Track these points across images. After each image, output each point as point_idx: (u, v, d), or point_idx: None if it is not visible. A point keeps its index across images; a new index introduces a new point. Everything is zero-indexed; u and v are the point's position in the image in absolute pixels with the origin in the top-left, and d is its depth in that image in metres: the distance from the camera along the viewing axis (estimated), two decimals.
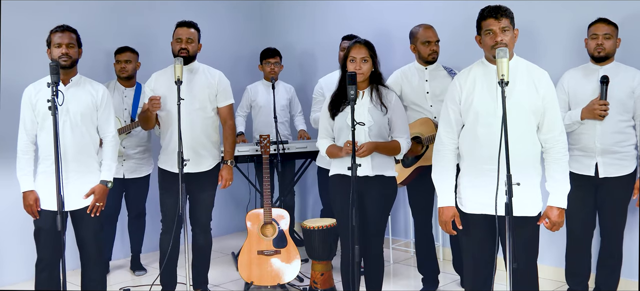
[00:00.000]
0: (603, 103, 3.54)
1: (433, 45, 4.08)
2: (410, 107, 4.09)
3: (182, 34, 3.94)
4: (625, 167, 3.63)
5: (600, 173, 3.64)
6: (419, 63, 4.15)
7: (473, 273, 3.02)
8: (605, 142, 3.61)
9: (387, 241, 5.25)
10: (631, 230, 3.91)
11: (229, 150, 4.09)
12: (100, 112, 3.59)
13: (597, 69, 3.69)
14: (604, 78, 3.56)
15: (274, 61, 5.23)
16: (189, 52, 3.92)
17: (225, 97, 4.08)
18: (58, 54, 3.43)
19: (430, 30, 4.11)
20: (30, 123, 3.48)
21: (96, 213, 3.53)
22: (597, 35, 3.65)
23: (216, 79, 4.05)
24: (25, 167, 3.49)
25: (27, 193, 3.47)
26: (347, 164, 3.20)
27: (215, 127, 4.09)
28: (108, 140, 3.62)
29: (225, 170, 4.06)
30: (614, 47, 3.67)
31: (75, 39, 3.52)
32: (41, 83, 3.50)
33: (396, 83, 4.11)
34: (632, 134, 3.63)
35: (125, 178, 4.82)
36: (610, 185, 3.65)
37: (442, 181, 2.99)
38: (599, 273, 3.84)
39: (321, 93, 4.76)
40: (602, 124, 3.59)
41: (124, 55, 4.82)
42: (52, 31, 3.49)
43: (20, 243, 4.43)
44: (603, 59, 3.66)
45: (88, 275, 3.62)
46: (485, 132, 2.84)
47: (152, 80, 4.04)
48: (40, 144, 3.50)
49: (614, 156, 3.62)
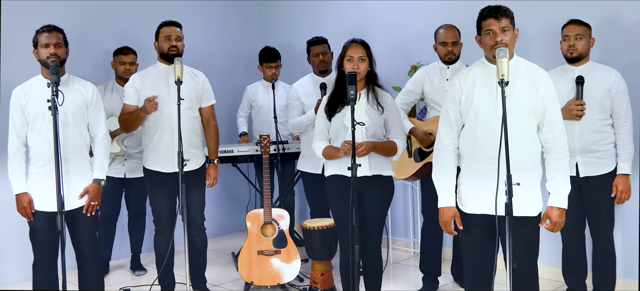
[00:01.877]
0: (579, 103, 3.57)
1: (449, 46, 4.09)
2: (430, 105, 4.14)
3: (171, 33, 3.93)
4: (605, 165, 3.64)
5: (581, 173, 3.65)
6: (442, 62, 4.17)
7: (473, 273, 3.02)
8: (584, 142, 3.62)
9: (387, 241, 5.24)
10: (630, 229, 3.91)
11: (214, 149, 4.12)
12: (91, 110, 3.57)
13: (572, 69, 3.72)
14: (579, 79, 3.60)
15: (276, 65, 5.21)
16: (178, 50, 3.92)
17: (208, 97, 4.10)
18: (46, 54, 3.40)
19: (449, 32, 4.11)
20: (20, 125, 3.45)
21: (91, 213, 3.52)
22: (569, 36, 3.69)
23: (201, 80, 4.06)
24: (16, 169, 3.46)
25: (20, 195, 3.45)
26: (346, 164, 3.20)
27: (200, 126, 4.11)
28: (99, 139, 3.60)
29: (212, 168, 4.09)
30: (587, 47, 3.69)
31: (63, 38, 3.48)
32: (29, 85, 3.48)
33: (418, 81, 4.15)
34: (611, 133, 3.64)
35: (126, 177, 4.82)
36: (592, 184, 3.66)
37: (442, 181, 2.99)
38: (594, 274, 3.84)
39: (296, 98, 4.68)
40: (580, 124, 3.60)
41: (129, 56, 4.82)
42: (38, 31, 3.46)
43: (18, 244, 4.42)
44: (576, 59, 3.69)
45: (85, 274, 3.61)
46: (485, 132, 2.84)
47: (137, 81, 3.97)
48: (32, 145, 3.47)
49: (593, 155, 3.63)
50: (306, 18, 6.00)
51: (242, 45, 6.24)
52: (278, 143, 4.86)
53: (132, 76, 4.05)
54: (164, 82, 3.93)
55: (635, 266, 3.92)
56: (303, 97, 4.64)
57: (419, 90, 4.16)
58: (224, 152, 4.82)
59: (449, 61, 4.11)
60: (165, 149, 3.89)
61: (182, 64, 3.64)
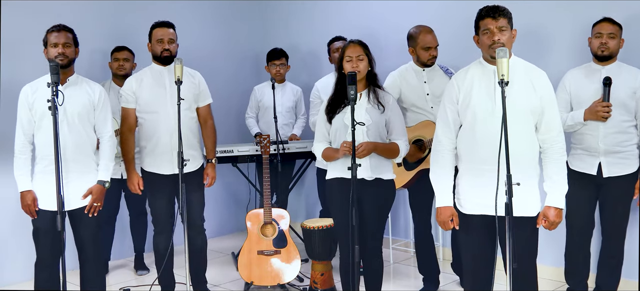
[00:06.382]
0: (606, 105, 3.55)
1: (433, 50, 4.07)
2: (411, 109, 4.07)
3: (163, 35, 3.91)
4: (628, 166, 3.64)
5: (604, 173, 3.64)
6: (417, 65, 4.13)
7: (473, 274, 3.02)
8: (608, 143, 3.61)
9: (387, 241, 5.24)
10: (631, 230, 3.91)
11: (212, 148, 4.11)
12: (98, 111, 3.58)
13: (599, 68, 3.69)
14: (606, 80, 3.57)
15: (280, 63, 5.21)
16: (171, 53, 3.91)
17: (205, 97, 4.09)
18: (55, 54, 3.42)
19: (430, 35, 4.06)
20: (28, 123, 3.47)
21: (94, 214, 3.53)
22: (602, 34, 3.64)
23: (197, 80, 4.05)
24: (22, 167, 3.48)
25: (25, 193, 3.46)
26: (346, 166, 3.19)
27: (198, 127, 4.10)
28: (105, 140, 3.61)
29: (210, 168, 4.08)
30: (617, 47, 3.67)
31: (72, 38, 3.51)
32: (38, 83, 3.49)
33: (394, 85, 4.08)
34: (635, 134, 3.64)
35: (124, 178, 4.80)
36: (613, 184, 3.65)
37: (440, 181, 2.99)
38: (599, 273, 3.84)
39: (318, 96, 4.76)
40: (605, 125, 3.59)
41: (123, 53, 4.82)
42: (49, 31, 3.48)
43: (21, 243, 4.42)
44: (606, 58, 3.66)
45: (86, 274, 3.62)
46: (483, 133, 2.84)
47: (133, 83, 3.93)
48: (38, 144, 3.49)
49: (617, 156, 3.63)
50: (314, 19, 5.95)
51: (248, 46, 6.24)
52: (278, 143, 4.87)
53: (128, 79, 4.03)
54: (160, 83, 3.93)
55: (635, 266, 3.92)
56: (324, 95, 4.66)
57: (395, 95, 4.04)
58: (224, 152, 4.82)
59: (431, 64, 4.09)
60: (164, 151, 3.88)
61: (182, 64, 3.63)
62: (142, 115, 3.95)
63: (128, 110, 3.95)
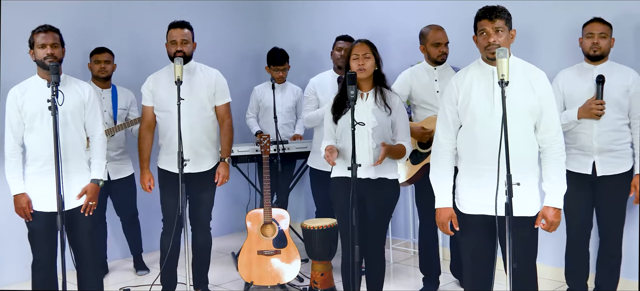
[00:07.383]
0: (599, 102, 3.56)
1: (443, 47, 4.09)
2: (420, 105, 4.11)
3: (177, 36, 3.93)
4: (622, 164, 3.65)
5: (598, 172, 3.65)
6: (428, 63, 4.16)
7: (472, 274, 3.02)
8: (602, 141, 3.62)
9: (387, 241, 5.24)
10: (630, 229, 3.91)
11: (227, 147, 4.10)
12: (88, 110, 3.57)
13: (591, 68, 3.71)
14: (599, 78, 3.58)
15: (283, 68, 5.21)
16: (185, 53, 3.92)
17: (222, 96, 4.09)
18: (43, 55, 3.39)
19: (441, 32, 4.11)
20: (17, 125, 3.45)
21: (89, 213, 3.52)
22: (593, 34, 3.66)
23: (214, 78, 4.05)
24: (14, 170, 3.46)
25: (18, 196, 3.45)
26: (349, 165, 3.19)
27: (215, 126, 4.10)
28: (96, 139, 3.60)
29: (222, 167, 4.07)
30: (608, 47, 3.68)
31: (59, 38, 3.48)
32: (27, 84, 3.48)
33: (405, 82, 4.12)
34: (628, 132, 3.65)
35: (111, 179, 4.77)
36: (607, 183, 3.66)
37: (439, 182, 2.99)
38: (598, 273, 3.84)
39: (313, 92, 4.74)
40: (598, 123, 3.60)
41: (104, 55, 4.73)
42: (35, 32, 3.45)
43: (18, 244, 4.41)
44: (598, 58, 3.67)
45: (84, 274, 3.60)
46: (482, 133, 2.84)
47: (150, 82, 4.03)
48: (29, 145, 3.47)
49: (611, 154, 3.63)
50: (314, 19, 5.96)
51: (248, 46, 6.24)
52: (278, 143, 4.87)
53: (148, 78, 4.07)
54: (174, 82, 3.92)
55: (635, 266, 3.92)
56: (319, 92, 4.68)
57: (405, 92, 4.10)
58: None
59: (442, 61, 4.11)
60: (175, 149, 3.87)
61: (182, 65, 3.63)
62: (158, 113, 4.01)
63: (146, 108, 4.02)
